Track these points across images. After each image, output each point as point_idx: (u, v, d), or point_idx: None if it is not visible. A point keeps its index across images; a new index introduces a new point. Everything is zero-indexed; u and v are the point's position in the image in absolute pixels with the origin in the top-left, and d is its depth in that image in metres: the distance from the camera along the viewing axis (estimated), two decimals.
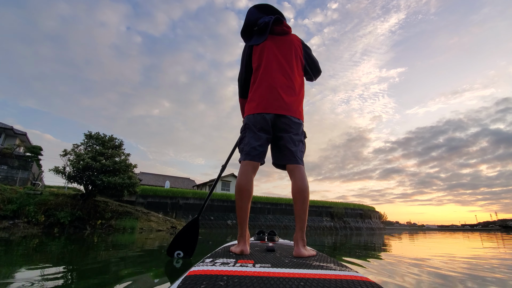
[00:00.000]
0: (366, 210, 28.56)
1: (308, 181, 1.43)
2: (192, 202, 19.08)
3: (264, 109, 1.47)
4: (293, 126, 1.49)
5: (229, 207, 20.36)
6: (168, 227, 13.53)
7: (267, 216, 21.83)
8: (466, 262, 2.74)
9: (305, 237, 1.37)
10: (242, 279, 0.78)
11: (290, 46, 1.63)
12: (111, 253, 3.21)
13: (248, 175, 1.42)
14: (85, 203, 11.25)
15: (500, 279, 1.85)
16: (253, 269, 0.90)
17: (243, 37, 1.75)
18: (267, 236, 2.16)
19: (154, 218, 14.42)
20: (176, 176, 40.40)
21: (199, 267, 0.93)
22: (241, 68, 1.72)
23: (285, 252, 1.42)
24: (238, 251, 1.32)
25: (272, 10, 1.71)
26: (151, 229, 11.77)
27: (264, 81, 1.54)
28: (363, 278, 0.83)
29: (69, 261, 2.47)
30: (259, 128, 1.47)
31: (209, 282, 0.75)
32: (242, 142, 1.55)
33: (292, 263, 1.06)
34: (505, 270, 2.22)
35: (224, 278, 0.78)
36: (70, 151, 11.21)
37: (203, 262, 1.05)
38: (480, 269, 2.25)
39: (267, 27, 1.62)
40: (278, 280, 0.78)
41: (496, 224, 62.37)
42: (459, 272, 2.10)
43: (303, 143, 1.55)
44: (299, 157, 1.48)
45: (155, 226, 12.92)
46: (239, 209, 1.42)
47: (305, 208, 1.38)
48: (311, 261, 1.13)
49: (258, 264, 1.01)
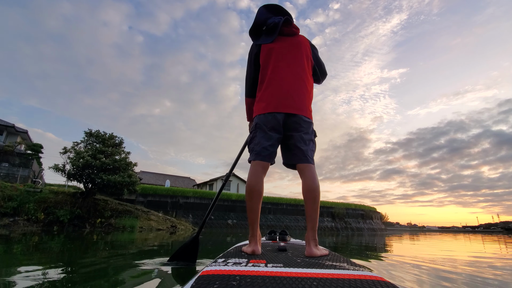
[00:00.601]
0: (367, 211, 28.45)
1: (318, 180, 1.41)
2: (192, 201, 19.03)
3: (275, 109, 1.47)
4: (304, 125, 1.48)
5: (229, 206, 20.30)
6: (168, 226, 13.50)
7: (268, 216, 21.75)
8: (469, 264, 2.77)
9: (317, 236, 1.35)
10: (255, 279, 0.77)
11: (300, 47, 1.63)
12: (112, 252, 3.16)
13: (258, 175, 1.41)
14: (84, 202, 11.21)
15: (503, 281, 1.86)
16: (265, 269, 0.89)
17: (251, 36, 1.75)
18: (278, 235, 2.13)
19: (154, 217, 14.39)
20: (176, 175, 40.41)
21: (211, 267, 0.93)
22: (249, 67, 1.71)
23: (297, 251, 1.41)
24: (250, 251, 1.31)
25: (281, 11, 1.71)
26: (151, 228, 11.74)
27: (274, 80, 1.54)
28: (378, 277, 0.80)
29: (68, 260, 2.42)
30: (270, 127, 1.46)
31: (221, 282, 0.74)
32: (252, 142, 1.53)
33: (305, 263, 1.05)
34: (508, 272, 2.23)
35: (237, 278, 0.78)
36: (70, 149, 11.18)
37: (216, 262, 1.04)
38: (482, 271, 2.27)
39: (276, 28, 1.62)
40: (291, 280, 0.77)
41: (498, 226, 61.92)
42: (463, 273, 2.13)
43: (313, 142, 1.55)
44: (310, 156, 1.47)
45: (155, 225, 12.89)
46: (250, 209, 1.39)
47: (316, 208, 1.36)
48: (324, 261, 1.11)
49: (270, 264, 0.99)
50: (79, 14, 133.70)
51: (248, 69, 1.71)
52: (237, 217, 20.01)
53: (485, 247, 5.56)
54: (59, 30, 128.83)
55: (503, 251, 4.63)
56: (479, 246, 5.75)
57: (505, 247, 5.70)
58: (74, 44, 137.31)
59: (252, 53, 1.68)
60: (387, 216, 34.83)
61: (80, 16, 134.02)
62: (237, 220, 19.72)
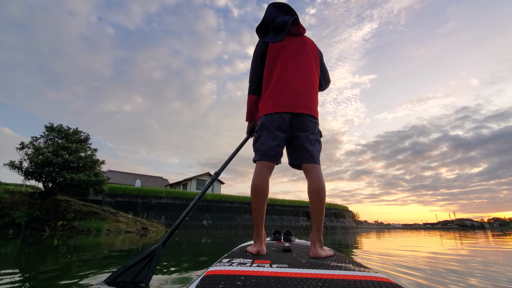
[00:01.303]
0: (340, 210, 29.46)
1: (324, 180, 1.41)
2: (165, 202, 18.22)
3: (284, 108, 1.45)
4: (310, 125, 1.48)
5: (204, 206, 19.78)
6: (138, 228, 12.86)
7: (244, 216, 21.56)
8: (429, 258, 3.08)
9: (322, 237, 1.33)
10: (259, 279, 0.77)
11: (306, 47, 1.64)
12: (70, 258, 2.77)
13: (264, 175, 1.39)
14: (44, 202, 10.19)
15: (457, 271, 2.19)
16: (270, 269, 0.89)
17: (258, 33, 1.72)
18: (283, 236, 2.13)
19: (123, 218, 13.66)
20: (147, 175, 38.74)
21: (216, 267, 0.92)
22: (255, 64, 1.67)
23: (302, 252, 1.40)
24: (255, 251, 1.30)
25: (289, 10, 1.69)
26: (120, 231, 11.13)
27: (282, 80, 1.52)
28: (384, 279, 0.80)
29: (26, 266, 2.11)
30: (276, 127, 1.45)
31: (226, 282, 0.74)
32: (257, 142, 1.51)
33: (310, 264, 1.03)
34: (462, 264, 2.61)
35: (242, 278, 0.78)
36: (28, 144, 10.10)
37: (221, 262, 1.04)
38: (440, 264, 2.59)
39: (285, 27, 1.61)
40: (296, 281, 0.76)
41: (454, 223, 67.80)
42: (427, 266, 2.42)
43: (319, 142, 1.55)
44: (316, 157, 1.46)
45: (124, 227, 12.24)
46: (255, 209, 1.38)
47: (322, 208, 1.35)
48: (329, 262, 1.09)
49: (275, 265, 0.98)
50: (44, 1, 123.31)
51: (254, 66, 1.68)
52: (213, 217, 19.56)
53: (442, 242, 6.09)
54: (21, 18, 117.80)
55: (458, 246, 5.16)
56: (437, 242, 6.37)
57: (460, 242, 6.23)
58: (38, 34, 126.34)
59: (260, 51, 1.65)
60: (358, 214, 36.37)
61: (44, 3, 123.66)
62: (213, 220, 19.27)
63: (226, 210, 20.82)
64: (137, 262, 1.36)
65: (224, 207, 20.88)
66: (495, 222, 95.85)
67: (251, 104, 1.71)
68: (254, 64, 1.67)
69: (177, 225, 1.60)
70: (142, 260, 1.36)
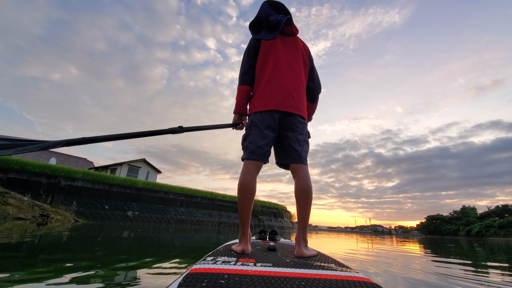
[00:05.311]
0: (279, 210, 29.86)
1: (311, 181, 1.40)
2: (80, 185, 14.82)
3: (275, 106, 1.43)
4: (299, 125, 1.47)
5: (132, 195, 17.00)
6: (35, 215, 10.00)
7: (179, 209, 19.40)
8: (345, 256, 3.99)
9: (308, 237, 1.52)
10: (243, 278, 0.76)
11: (298, 48, 1.64)
12: None
13: (251, 174, 1.37)
14: None
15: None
16: (254, 268, 0.89)
17: (251, 29, 1.71)
18: (268, 235, 2.05)
19: (14, 201, 10.61)
20: (68, 154, 32.81)
21: (200, 265, 0.91)
22: (248, 58, 1.63)
23: (286, 251, 1.40)
24: (240, 250, 1.27)
25: (283, 9, 1.68)
26: (6, 216, 8.73)
27: (274, 78, 1.51)
28: (365, 279, 0.81)
29: None
30: (266, 126, 1.43)
31: (210, 280, 0.73)
32: (246, 140, 1.47)
33: (294, 263, 1.04)
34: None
35: (225, 277, 0.77)
36: None
37: (205, 260, 1.02)
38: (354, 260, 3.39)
39: (279, 25, 1.61)
40: (279, 280, 0.77)
41: (369, 228, 78.00)
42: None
43: (307, 143, 1.55)
44: (304, 157, 1.46)
45: (13, 212, 9.53)
46: (242, 208, 1.35)
47: (308, 208, 1.37)
48: (313, 261, 1.10)
49: (259, 263, 0.98)
50: None
51: (246, 59, 1.64)
52: (141, 208, 16.88)
53: (357, 244, 7.43)
54: None
55: (369, 247, 6.63)
56: (354, 243, 7.90)
57: (371, 245, 7.68)
58: None
59: (252, 47, 1.64)
60: (295, 215, 37.92)
61: None
62: (140, 212, 16.61)
63: (158, 201, 18.34)
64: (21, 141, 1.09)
65: (157, 198, 18.36)
66: (400, 229, 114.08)
67: (243, 94, 1.61)
68: (247, 58, 1.65)
69: (102, 139, 1.20)
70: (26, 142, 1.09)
